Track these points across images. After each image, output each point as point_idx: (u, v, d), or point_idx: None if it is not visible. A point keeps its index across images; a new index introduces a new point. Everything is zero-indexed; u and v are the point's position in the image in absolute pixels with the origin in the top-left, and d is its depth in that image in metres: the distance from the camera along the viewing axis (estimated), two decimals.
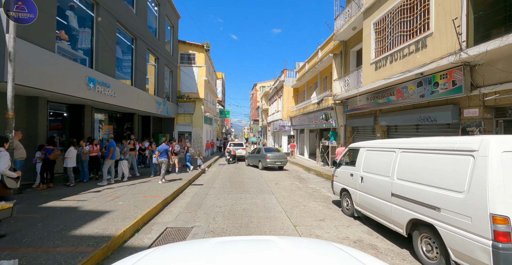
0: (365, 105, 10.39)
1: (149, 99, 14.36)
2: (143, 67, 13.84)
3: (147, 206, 5.82)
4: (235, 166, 16.67)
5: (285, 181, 10.66)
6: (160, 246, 1.63)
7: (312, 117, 16.46)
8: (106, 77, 9.87)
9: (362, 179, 5.15)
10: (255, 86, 66.67)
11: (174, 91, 20.17)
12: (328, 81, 15.81)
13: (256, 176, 12.02)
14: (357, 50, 12.39)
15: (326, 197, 7.83)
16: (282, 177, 11.84)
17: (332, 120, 13.50)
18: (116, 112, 14.10)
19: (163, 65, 17.36)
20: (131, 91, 12.16)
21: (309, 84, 19.95)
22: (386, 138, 9.71)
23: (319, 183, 10.36)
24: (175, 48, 20.05)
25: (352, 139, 12.63)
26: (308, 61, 19.86)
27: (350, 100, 11.76)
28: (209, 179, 11.25)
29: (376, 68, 9.13)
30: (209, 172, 13.48)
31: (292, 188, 9.10)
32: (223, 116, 34.58)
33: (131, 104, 12.09)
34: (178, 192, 7.97)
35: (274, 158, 14.35)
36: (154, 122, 18.89)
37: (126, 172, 9.24)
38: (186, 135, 21.37)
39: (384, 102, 9.10)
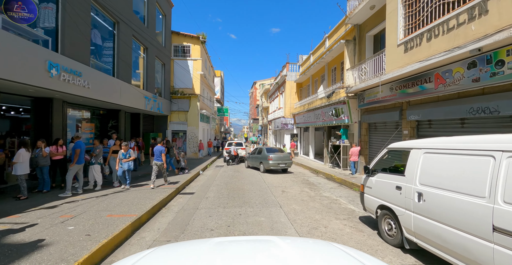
0: (388, 97, 8.69)
1: (136, 93, 12.64)
2: (127, 57, 12.11)
3: (107, 232, 4.12)
4: (233, 168, 14.96)
5: (292, 188, 8.97)
6: (160, 246, 1.61)
7: (319, 113, 14.77)
8: (77, 64, 8.15)
9: (420, 196, 3.46)
10: (254, 84, 65.04)
11: (167, 87, 18.44)
12: (337, 73, 14.10)
13: (257, 181, 10.32)
14: (374, 34, 10.68)
15: (349, 211, 6.13)
16: (288, 182, 10.15)
17: (344, 116, 11.80)
18: (98, 109, 12.37)
19: (153, 56, 15.63)
20: (112, 83, 10.44)
21: (315, 77, 18.23)
22: (415, 135, 8.02)
23: (333, 190, 8.67)
24: (167, 40, 18.31)
25: (368, 137, 10.94)
26: (313, 52, 18.14)
27: (367, 92, 10.06)
28: (203, 185, 9.54)
29: (406, 50, 7.42)
30: (204, 176, 11.77)
31: (303, 198, 7.40)
32: (221, 115, 32.86)
33: (112, 99, 10.37)
34: (160, 205, 6.26)
35: (277, 159, 12.65)
36: (145, 120, 17.18)
37: (98, 179, 7.53)
38: (180, 134, 19.67)
39: (415, 92, 7.41)
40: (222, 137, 47.30)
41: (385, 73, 8.33)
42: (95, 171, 7.43)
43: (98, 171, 7.47)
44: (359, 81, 10.42)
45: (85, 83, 8.46)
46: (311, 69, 17.27)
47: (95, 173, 7.44)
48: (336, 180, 10.50)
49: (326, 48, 14.98)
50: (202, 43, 20.31)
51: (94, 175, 7.46)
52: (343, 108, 11.74)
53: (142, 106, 13.50)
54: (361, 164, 11.11)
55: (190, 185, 9.50)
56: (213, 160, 18.62)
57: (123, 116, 13.68)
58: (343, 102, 11.64)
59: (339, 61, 13.75)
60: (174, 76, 19.37)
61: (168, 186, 8.29)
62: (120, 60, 11.44)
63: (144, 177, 10.06)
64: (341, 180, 10.14)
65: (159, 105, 16.11)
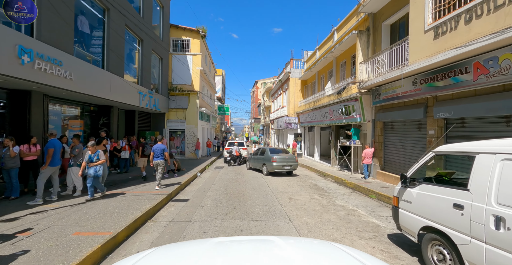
0: (410, 92, 7.64)
1: (129, 88, 11.63)
2: (119, 48, 11.10)
3: (64, 262, 3.10)
4: (234, 169, 13.93)
5: (300, 194, 7.94)
6: (160, 246, 1.60)
7: (327, 112, 13.72)
8: (56, 52, 7.14)
9: (499, 221, 2.42)
10: (256, 83, 64.10)
11: (165, 83, 17.43)
12: (347, 68, 13.05)
13: (261, 185, 9.30)
14: (391, 23, 9.62)
15: (372, 226, 5.09)
16: (295, 187, 9.11)
17: (356, 114, 10.75)
18: (88, 104, 11.38)
19: (150, 50, 14.62)
20: (101, 76, 9.43)
21: (321, 74, 17.18)
22: (443, 136, 6.97)
23: (347, 198, 7.63)
24: (165, 33, 17.29)
25: (383, 137, 9.89)
26: (320, 47, 17.09)
27: (383, 88, 9.00)
28: (200, 189, 8.52)
29: (436, 36, 6.37)
30: (202, 178, 10.75)
31: (315, 207, 6.37)
32: (222, 113, 31.86)
33: (101, 93, 9.36)
34: (146, 216, 5.24)
35: (282, 161, 11.62)
36: (141, 118, 16.18)
37: (78, 183, 6.53)
38: (179, 133, 18.66)
39: (446, 85, 6.35)
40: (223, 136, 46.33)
41: (408, 65, 7.27)
42: (73, 174, 6.42)
43: (77, 174, 6.46)
44: (373, 76, 9.38)
45: (66, 74, 7.44)
46: (317, 64, 16.21)
47: (74, 176, 6.43)
48: (348, 185, 9.46)
49: (335, 41, 13.93)
50: (202, 38, 19.29)
51: (73, 179, 6.46)
52: (355, 106, 10.69)
53: (136, 102, 12.50)
54: (375, 167, 10.06)
55: (185, 190, 8.48)
56: (212, 160, 17.61)
57: (116, 113, 12.68)
58: (355, 99, 10.60)
59: (349, 55, 12.69)
60: (172, 72, 18.36)
61: (160, 191, 7.27)
62: (111, 51, 10.43)
63: (135, 180, 9.06)
64: (353, 185, 9.10)
65: (156, 102, 15.11)
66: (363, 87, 9.88)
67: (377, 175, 9.91)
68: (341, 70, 13.89)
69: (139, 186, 7.97)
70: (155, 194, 6.80)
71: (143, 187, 7.84)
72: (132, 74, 13.23)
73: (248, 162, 14.33)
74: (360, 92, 10.16)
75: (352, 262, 1.27)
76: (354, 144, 11.13)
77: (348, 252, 1.42)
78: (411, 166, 4.12)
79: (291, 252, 1.46)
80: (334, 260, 1.34)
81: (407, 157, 8.53)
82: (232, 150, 16.29)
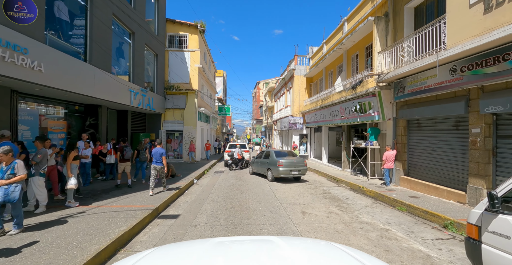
0: (447, 83, 6.33)
1: (117, 85, 10.40)
2: (105, 40, 9.89)
3: None
4: (235, 175, 12.64)
5: (315, 206, 6.62)
6: (160, 246, 1.59)
7: (337, 110, 12.42)
8: (19, 37, 5.92)
9: None
10: (258, 84, 63.03)
11: (161, 81, 16.22)
12: (360, 61, 11.75)
13: (266, 194, 8.00)
14: (416, 6, 8.32)
15: (422, 257, 3.77)
16: (306, 196, 7.80)
17: (374, 111, 9.44)
18: (72, 103, 10.17)
19: (142, 44, 13.42)
20: (82, 70, 8.21)
21: (329, 69, 15.89)
22: (493, 135, 5.64)
23: (371, 210, 6.30)
24: (161, 27, 16.11)
25: (407, 138, 8.57)
26: (327, 41, 15.82)
27: (410, 79, 7.70)
28: (194, 200, 7.22)
29: (487, 9, 5.08)
30: (199, 186, 9.46)
31: (337, 226, 5.06)
32: (223, 114, 30.60)
33: (81, 89, 8.13)
34: (117, 245, 3.95)
35: (289, 165, 10.32)
36: (134, 119, 14.97)
37: (41, 197, 5.26)
38: (176, 134, 17.43)
39: (500, 72, 5.04)
40: (225, 138, 45.09)
41: (446, 49, 5.98)
42: (35, 185, 5.16)
43: (40, 186, 5.20)
44: (394, 67, 8.08)
45: (34, 64, 6.22)
46: (325, 59, 14.94)
47: (36, 188, 5.16)
48: (367, 193, 8.13)
49: (345, 33, 12.66)
50: (200, 33, 18.09)
51: (35, 191, 5.19)
52: (372, 102, 9.38)
53: (126, 101, 11.27)
54: (397, 171, 8.73)
55: (178, 201, 7.19)
56: (212, 164, 16.33)
57: (105, 113, 11.47)
58: (372, 94, 9.29)
59: (362, 46, 11.41)
60: (169, 70, 17.15)
61: (143, 206, 6.00)
62: (95, 42, 9.21)
63: (119, 189, 7.78)
64: (374, 194, 7.77)
65: (150, 101, 13.88)
66: (383, 80, 8.59)
67: (400, 181, 8.58)
68: (353, 64, 12.60)
69: (121, 197, 6.69)
70: (137, 209, 5.52)
71: (126, 198, 6.56)
72: (122, 70, 12.02)
73: (251, 166, 13.04)
74: (379, 86, 8.86)
75: (352, 262, 1.25)
76: (372, 145, 9.80)
77: (348, 252, 1.40)
78: (502, 181, 2.81)
79: (291, 252, 1.43)
80: (334, 260, 1.33)
81: (440, 160, 7.20)
82: (233, 152, 15.01)
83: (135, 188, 7.93)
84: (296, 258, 1.33)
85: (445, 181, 7.04)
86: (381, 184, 8.96)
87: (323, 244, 1.67)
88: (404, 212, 6.22)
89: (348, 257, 1.33)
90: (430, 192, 7.23)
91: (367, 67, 11.04)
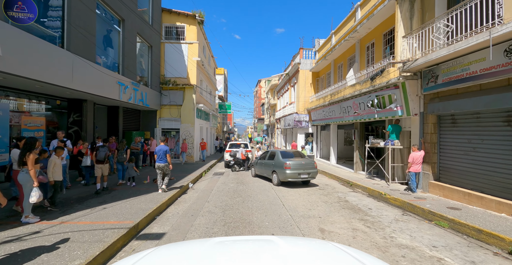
0: (501, 68, 5.06)
1: (103, 77, 9.19)
2: (87, 24, 8.67)
3: None
4: (236, 177, 11.42)
5: (333, 220, 5.39)
6: (160, 246, 1.57)
7: (349, 105, 11.17)
8: None
9: None
10: (259, 82, 61.84)
11: (156, 75, 15.01)
12: (377, 50, 10.46)
13: (272, 203, 6.77)
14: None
15: None
16: (320, 205, 6.57)
17: (396, 106, 8.18)
18: (52, 97, 8.99)
19: (134, 33, 12.20)
20: (56, 56, 7.00)
21: (339, 62, 14.61)
22: None
23: (405, 226, 5.06)
24: (156, 17, 14.88)
25: (437, 136, 7.30)
26: (336, 31, 14.53)
27: (446, 66, 6.42)
28: (186, 212, 6.00)
29: None
30: (194, 192, 8.25)
31: (370, 252, 3.82)
32: (223, 111, 29.37)
33: (56, 79, 6.93)
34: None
35: (297, 168, 9.09)
36: (127, 115, 13.78)
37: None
38: (173, 133, 16.23)
39: None
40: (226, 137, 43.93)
41: (504, 23, 4.71)
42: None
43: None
44: (422, 53, 6.81)
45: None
46: (333, 51, 13.67)
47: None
48: (391, 202, 6.88)
49: (358, 20, 11.37)
50: (199, 24, 16.84)
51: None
52: (395, 95, 8.12)
53: (114, 95, 10.06)
54: (425, 176, 7.48)
55: (166, 212, 5.97)
56: (211, 165, 15.11)
57: (91, 109, 10.27)
58: (394, 86, 8.03)
59: (379, 33, 10.13)
60: (165, 63, 15.92)
61: (118, 222, 4.79)
62: (74, 27, 7.99)
63: (98, 197, 6.57)
64: (401, 203, 6.52)
65: (143, 97, 12.67)
66: (409, 69, 7.31)
67: (430, 187, 7.32)
68: (368, 54, 11.32)
69: (97, 208, 5.48)
70: (110, 227, 4.30)
71: (102, 210, 5.35)
72: (110, 61, 10.80)
73: (254, 168, 11.81)
74: (404, 77, 7.59)
75: (352, 262, 1.24)
76: (393, 145, 8.54)
77: (348, 252, 1.39)
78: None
79: (291, 252, 1.44)
80: (334, 260, 1.31)
81: (483, 163, 5.94)
82: (235, 152, 13.80)
83: (117, 195, 6.71)
84: (296, 257, 1.34)
85: (491, 188, 5.78)
86: (405, 190, 7.72)
87: (323, 244, 1.64)
88: (446, 229, 4.98)
89: (348, 257, 1.32)
90: (472, 202, 5.98)
91: (385, 56, 9.77)
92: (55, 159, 5.58)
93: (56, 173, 5.55)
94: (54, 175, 5.47)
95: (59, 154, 5.74)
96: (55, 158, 5.59)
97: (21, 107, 8.22)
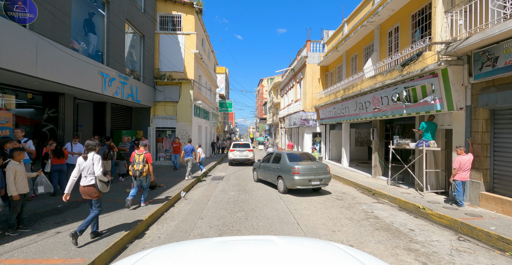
0: None
1: (80, 64, 7.76)
2: (58, 2, 7.24)
3: None
4: (238, 183, 9.95)
5: (370, 249, 3.91)
6: (160, 246, 1.56)
7: (368, 100, 9.68)
8: None
9: None
10: (261, 82, 60.47)
11: (150, 68, 13.59)
12: (403, 35, 8.92)
13: (283, 221, 5.30)
14: None
15: None
16: (345, 224, 5.09)
17: (433, 98, 6.68)
18: (21, 90, 7.57)
19: (123, 19, 10.76)
20: (13, 35, 5.58)
21: (352, 53, 13.10)
22: None
23: (474, 260, 3.57)
24: (149, 4, 13.46)
25: (490, 136, 5.79)
26: (349, 19, 13.03)
27: (508, 45, 4.92)
28: (170, 236, 4.52)
29: None
30: (186, 203, 6.77)
31: None
32: (224, 110, 27.94)
33: (11, 64, 5.51)
34: None
35: (307, 173, 7.62)
36: (116, 113, 12.36)
37: None
38: (168, 132, 14.80)
39: None
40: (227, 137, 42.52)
41: None
42: None
43: None
44: (468, 32, 5.32)
45: None
46: (346, 41, 12.18)
47: None
48: (436, 219, 5.38)
49: (378, 2, 9.87)
50: (197, 13, 15.40)
51: None
52: (433, 85, 6.60)
53: (96, 88, 8.63)
54: (474, 185, 5.97)
55: (144, 238, 4.50)
56: (211, 167, 13.64)
57: (70, 105, 8.82)
58: (431, 73, 6.52)
59: (406, 15, 8.62)
60: (160, 56, 14.48)
61: (72, 262, 3.34)
62: (41, 3, 6.55)
63: (58, 214, 5.12)
64: (451, 222, 5.02)
65: (132, 91, 11.23)
66: (455, 52, 5.81)
67: (481, 199, 5.82)
68: (390, 40, 9.81)
69: (48, 232, 4.01)
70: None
71: (52, 236, 3.88)
72: (92, 49, 9.36)
73: (256, 172, 10.34)
74: (446, 61, 6.09)
75: (352, 262, 1.24)
76: (427, 146, 7.02)
77: (348, 252, 1.38)
78: None
79: (291, 252, 1.42)
80: (334, 260, 1.30)
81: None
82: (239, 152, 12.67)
83: (85, 210, 5.24)
84: (296, 257, 1.31)
85: None
86: (446, 202, 6.22)
87: (323, 244, 1.61)
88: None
89: (348, 257, 1.30)
90: None
91: (413, 41, 8.28)
92: (15, 165, 4.14)
93: (20, 184, 4.12)
94: (18, 187, 4.05)
95: (18, 158, 4.28)
96: (14, 164, 4.15)
97: None
